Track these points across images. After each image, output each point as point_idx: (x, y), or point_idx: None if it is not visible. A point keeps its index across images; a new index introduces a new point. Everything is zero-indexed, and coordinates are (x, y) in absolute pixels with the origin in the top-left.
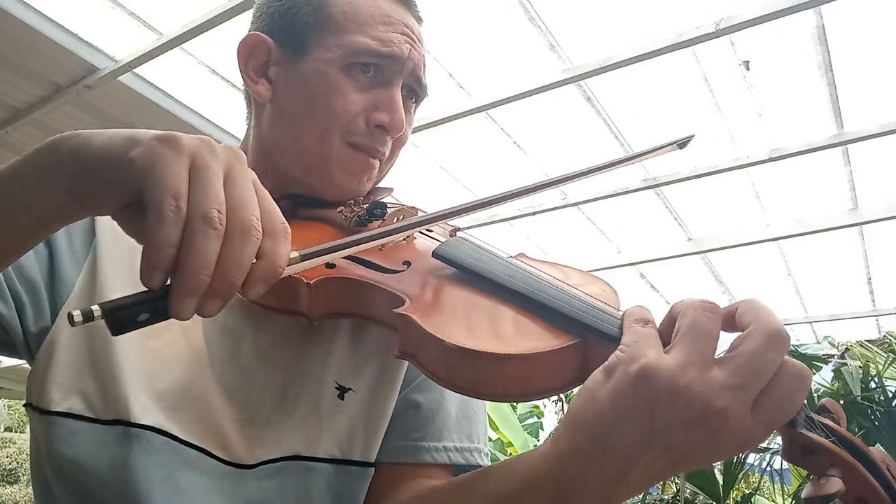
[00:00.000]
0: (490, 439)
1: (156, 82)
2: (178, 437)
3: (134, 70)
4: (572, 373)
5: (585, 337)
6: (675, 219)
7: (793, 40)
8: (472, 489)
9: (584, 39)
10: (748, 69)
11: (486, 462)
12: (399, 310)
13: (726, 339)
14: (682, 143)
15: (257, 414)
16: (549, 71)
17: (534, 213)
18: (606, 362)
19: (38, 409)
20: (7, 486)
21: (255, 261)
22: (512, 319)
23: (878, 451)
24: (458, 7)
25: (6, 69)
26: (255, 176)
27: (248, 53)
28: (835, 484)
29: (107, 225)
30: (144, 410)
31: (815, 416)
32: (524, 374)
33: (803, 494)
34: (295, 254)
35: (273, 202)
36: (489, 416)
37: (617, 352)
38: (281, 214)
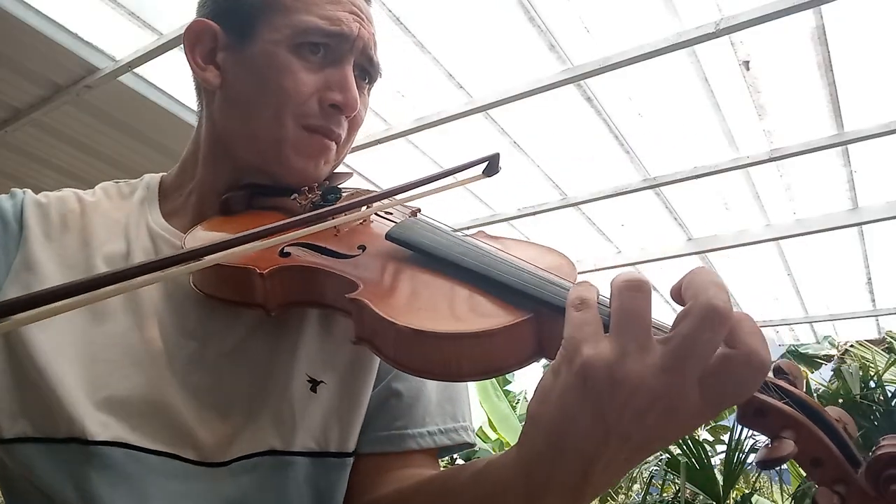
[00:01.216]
0: (489, 439)
1: (156, 82)
2: (140, 447)
3: (134, 70)
4: (530, 347)
5: (539, 311)
6: (675, 219)
7: (793, 40)
8: (446, 500)
9: (584, 39)
10: (748, 69)
11: (472, 439)
12: (351, 294)
13: None
14: (489, 172)
15: (229, 411)
16: (549, 71)
17: (534, 213)
18: (552, 363)
19: None
20: None
21: None
22: (466, 298)
23: (834, 409)
24: (458, 7)
25: (6, 69)
26: None
27: (193, 41)
28: (787, 446)
29: (36, 232)
30: (101, 426)
31: (769, 379)
32: (480, 352)
33: (755, 458)
34: None
35: None
36: (488, 418)
37: (560, 349)
38: None
